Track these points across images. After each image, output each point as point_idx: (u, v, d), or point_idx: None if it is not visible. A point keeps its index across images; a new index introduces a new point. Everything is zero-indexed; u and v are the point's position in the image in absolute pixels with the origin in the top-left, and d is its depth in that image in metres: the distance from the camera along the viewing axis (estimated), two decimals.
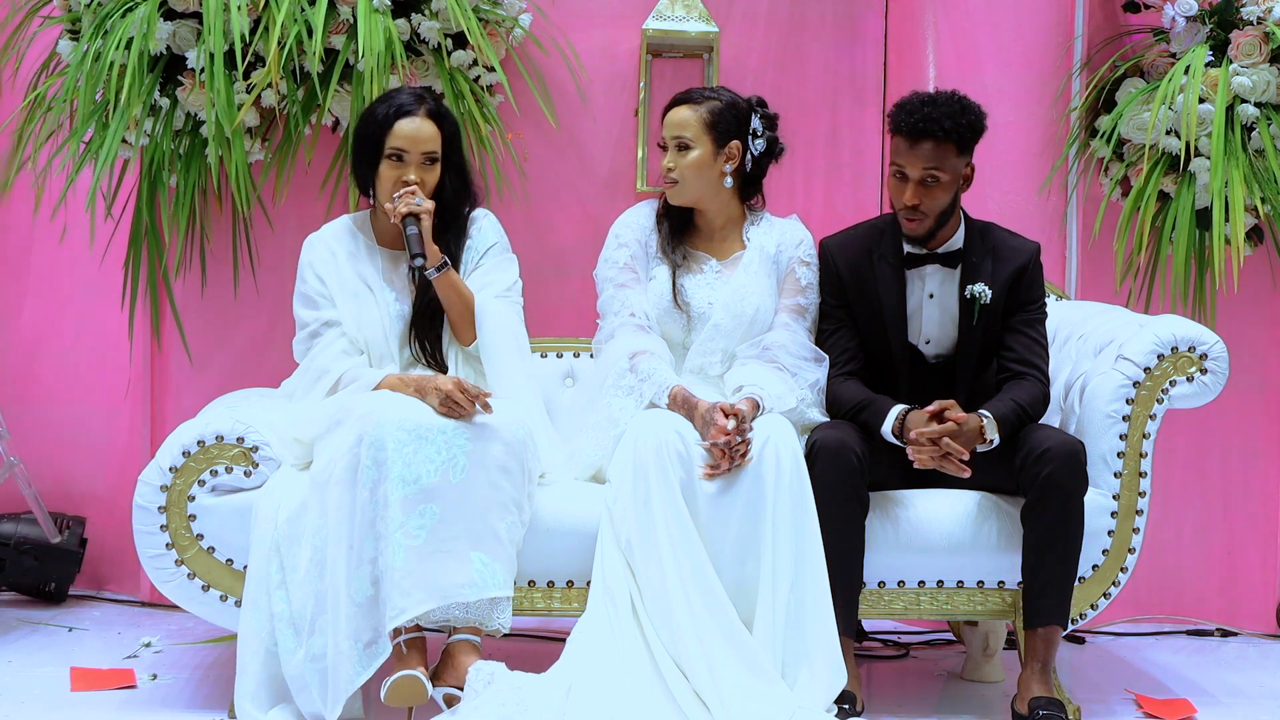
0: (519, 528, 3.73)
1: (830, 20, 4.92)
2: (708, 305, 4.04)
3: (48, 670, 4.12)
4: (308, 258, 4.02)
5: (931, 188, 3.92)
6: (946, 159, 3.91)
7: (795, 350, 4.01)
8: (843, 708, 3.69)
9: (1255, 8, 4.56)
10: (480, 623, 3.65)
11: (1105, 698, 4.11)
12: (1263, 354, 4.86)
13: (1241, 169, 4.50)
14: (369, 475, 3.62)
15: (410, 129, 3.94)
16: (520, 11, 4.60)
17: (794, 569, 3.70)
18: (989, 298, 3.99)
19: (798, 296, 4.09)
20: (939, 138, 3.89)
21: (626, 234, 4.13)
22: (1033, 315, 4.05)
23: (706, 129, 4.03)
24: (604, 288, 4.11)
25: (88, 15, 4.37)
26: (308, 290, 3.99)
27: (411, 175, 3.92)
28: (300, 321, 4.00)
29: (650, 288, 4.07)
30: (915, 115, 3.90)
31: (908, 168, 3.93)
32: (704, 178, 4.05)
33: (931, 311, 4.06)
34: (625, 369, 3.95)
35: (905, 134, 3.92)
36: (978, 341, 4.02)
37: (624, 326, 4.03)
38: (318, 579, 3.63)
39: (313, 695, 3.60)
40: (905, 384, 4.03)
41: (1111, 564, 3.96)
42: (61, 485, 4.94)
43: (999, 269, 4.02)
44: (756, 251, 4.09)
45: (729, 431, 3.71)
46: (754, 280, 4.06)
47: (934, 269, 4.04)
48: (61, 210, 4.58)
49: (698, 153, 4.03)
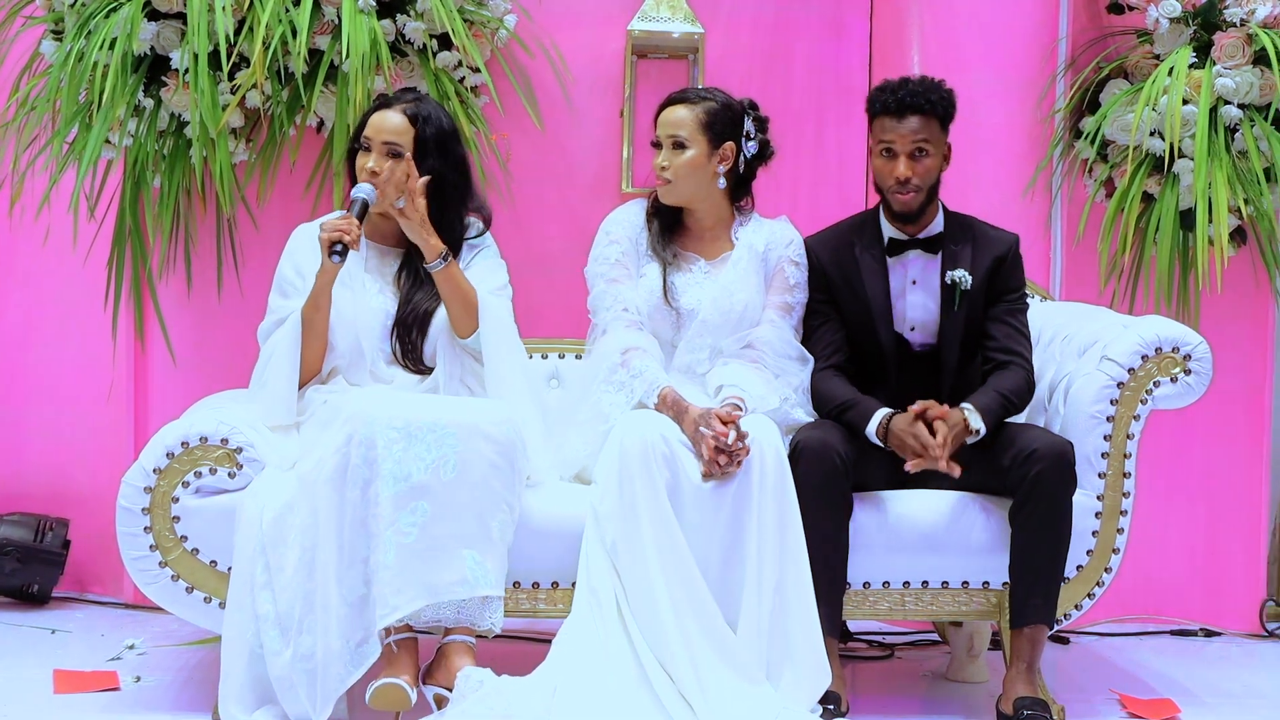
0: (509, 527, 3.73)
1: (815, 21, 4.93)
2: (695, 302, 4.04)
3: (31, 672, 4.11)
4: (292, 246, 4.01)
5: (922, 160, 3.99)
6: (933, 132, 4.00)
7: (780, 348, 4.02)
8: (827, 708, 3.70)
9: (1238, 9, 4.57)
10: (472, 622, 3.65)
11: (1090, 698, 4.11)
12: (1246, 355, 4.88)
13: (1225, 170, 4.51)
14: (360, 474, 3.62)
15: (379, 118, 3.94)
16: (505, 12, 4.60)
17: (778, 570, 3.70)
18: (969, 283, 4.02)
19: (785, 295, 4.09)
20: (925, 111, 3.98)
21: (618, 230, 4.13)
22: (1014, 305, 4.08)
23: (702, 129, 4.03)
24: (595, 283, 4.11)
25: (71, 15, 4.36)
26: (285, 279, 3.97)
27: (371, 163, 3.91)
28: (271, 307, 3.98)
29: (641, 285, 4.07)
30: (900, 91, 3.99)
31: (897, 143, 3.98)
32: (697, 178, 4.05)
33: (915, 297, 4.08)
34: (617, 364, 3.95)
35: (893, 110, 3.99)
36: (960, 327, 4.04)
37: (616, 321, 4.03)
38: (306, 579, 3.62)
39: (299, 696, 3.58)
40: (893, 374, 4.05)
41: (1096, 564, 3.97)
42: (45, 487, 4.92)
43: (979, 256, 4.06)
44: (745, 250, 4.09)
45: (731, 443, 3.71)
46: (742, 277, 4.06)
47: (916, 255, 4.07)
48: (45, 211, 4.56)
49: (692, 152, 4.03)
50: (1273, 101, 4.53)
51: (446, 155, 3.99)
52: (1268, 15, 4.56)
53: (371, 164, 3.91)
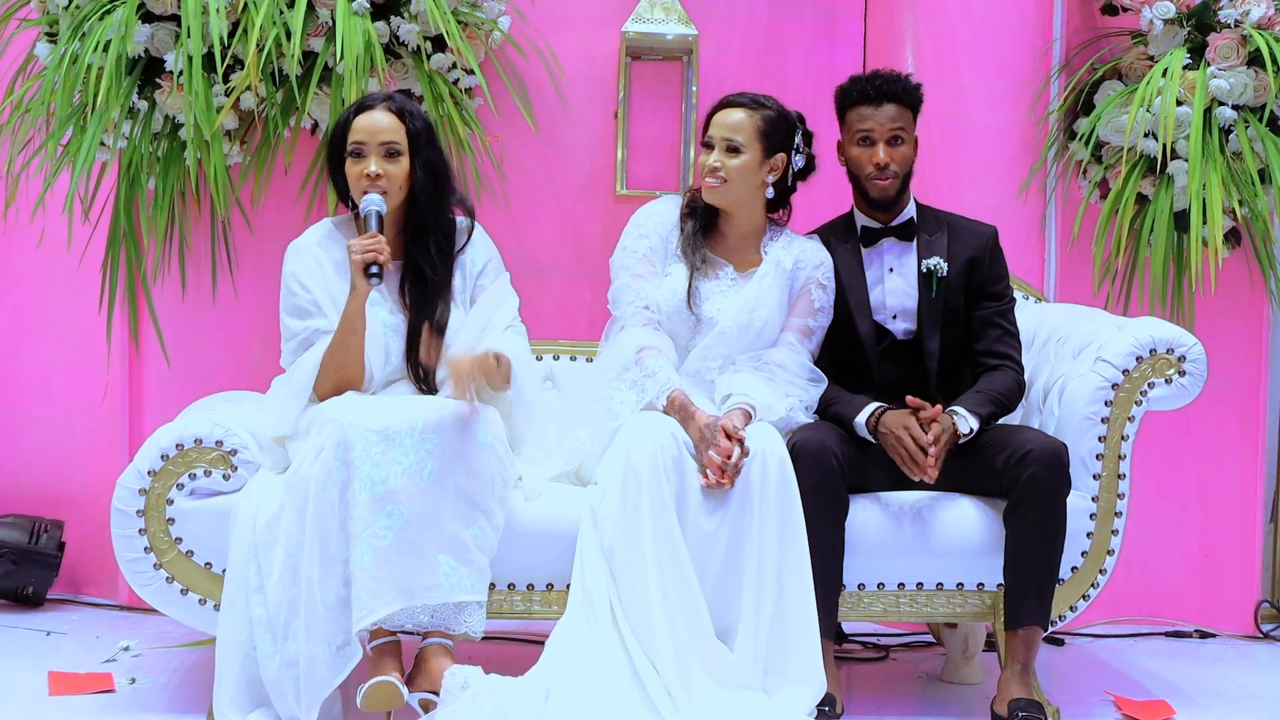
0: (489, 534, 3.71)
1: (809, 23, 4.93)
2: (717, 312, 4.02)
3: (26, 674, 4.10)
4: (292, 268, 3.93)
5: (899, 147, 4.07)
6: (907, 120, 4.09)
7: (795, 370, 4.00)
8: (823, 710, 3.69)
9: (1233, 10, 4.57)
10: (447, 626, 3.65)
11: (1084, 699, 4.11)
12: (1240, 356, 4.88)
13: (1219, 171, 4.51)
14: (338, 476, 3.61)
15: (367, 121, 3.89)
16: (499, 14, 4.60)
17: (778, 579, 3.70)
18: (945, 270, 4.06)
19: (808, 318, 4.07)
20: (900, 100, 4.07)
21: (649, 225, 4.10)
22: (1002, 305, 4.10)
23: (759, 136, 4.01)
24: (619, 275, 4.07)
25: (65, 18, 4.36)
26: (297, 301, 3.91)
27: (373, 167, 3.87)
28: (289, 331, 3.92)
29: (665, 283, 4.04)
30: (876, 81, 4.09)
31: (875, 130, 4.06)
32: (748, 183, 4.03)
33: (894, 284, 4.10)
34: (631, 361, 3.93)
35: (870, 99, 4.07)
36: (939, 315, 4.06)
37: (635, 318, 4.00)
38: (291, 584, 3.61)
39: (289, 701, 3.59)
40: (875, 366, 4.06)
41: (1090, 566, 3.97)
42: (39, 489, 4.92)
43: (955, 246, 4.10)
44: (773, 265, 4.06)
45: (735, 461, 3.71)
46: (766, 293, 4.04)
47: (890, 243, 4.11)
48: (39, 214, 4.56)
49: (746, 157, 4.01)
50: (1267, 103, 4.54)
51: (435, 146, 3.97)
52: (1262, 16, 4.56)
53: (373, 168, 3.86)
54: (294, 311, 3.92)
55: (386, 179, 3.87)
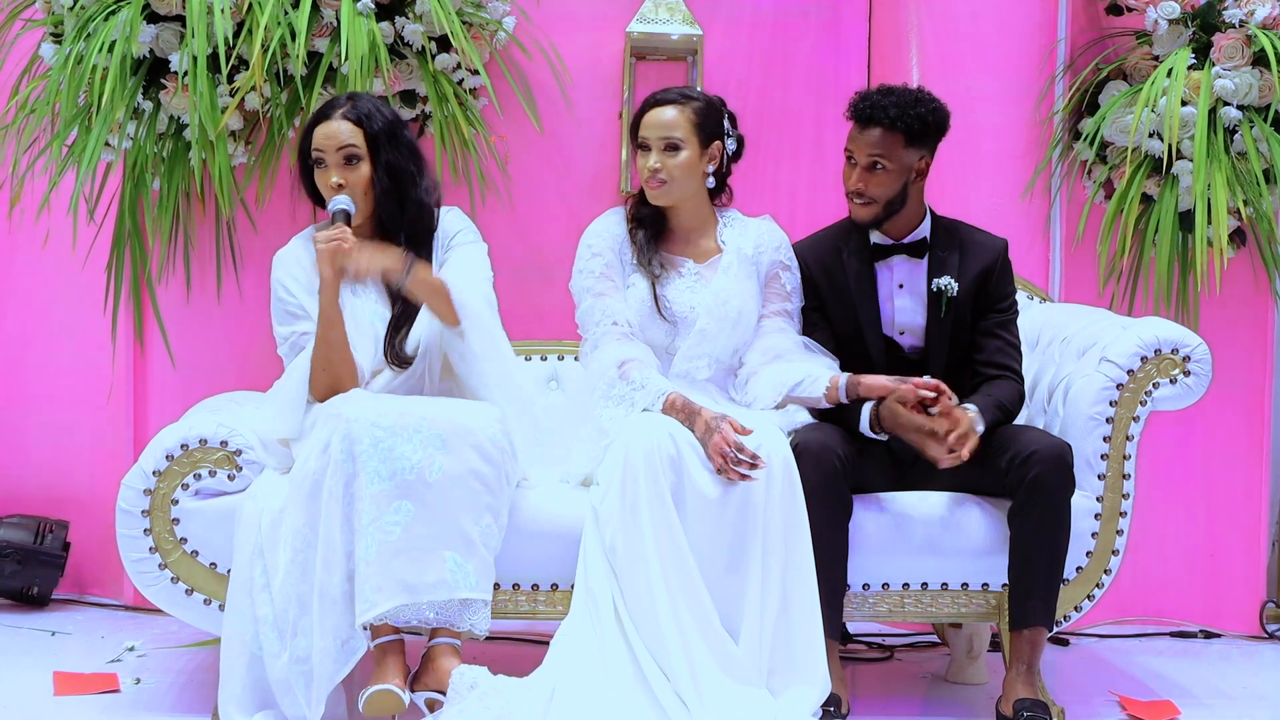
0: (495, 532, 3.72)
1: (814, 23, 4.93)
2: (690, 310, 4.02)
3: (31, 675, 4.11)
4: (278, 275, 3.98)
5: (877, 174, 3.97)
6: (894, 149, 3.96)
7: (801, 350, 4.02)
8: (828, 710, 3.69)
9: (1237, 10, 4.57)
10: (451, 624, 3.64)
11: (1089, 700, 4.11)
12: (1245, 356, 4.87)
13: (1224, 171, 4.51)
14: (344, 470, 3.61)
15: (325, 130, 3.91)
16: (504, 14, 4.60)
17: (783, 579, 3.70)
18: (955, 290, 4.02)
19: (784, 302, 4.09)
20: (886, 125, 3.95)
21: (599, 243, 4.09)
22: (1005, 317, 4.08)
23: (695, 129, 4.01)
24: (582, 298, 4.07)
25: (70, 18, 4.36)
26: (285, 306, 3.95)
27: (334, 178, 3.89)
28: (280, 336, 3.97)
29: (630, 295, 4.04)
30: (867, 102, 3.98)
31: (856, 153, 3.99)
32: (691, 179, 4.03)
33: (903, 301, 4.07)
34: (614, 378, 3.92)
35: (856, 119, 4.00)
36: (947, 333, 4.04)
37: (607, 335, 4.00)
38: (298, 580, 3.62)
39: (298, 699, 3.59)
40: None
41: (1095, 566, 3.97)
42: (45, 489, 4.92)
43: (966, 264, 4.05)
44: (734, 254, 4.07)
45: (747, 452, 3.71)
46: (734, 283, 4.05)
47: (900, 260, 4.07)
48: (44, 214, 4.57)
49: (687, 153, 4.01)
50: (1272, 103, 4.53)
51: (398, 145, 3.95)
52: (1267, 16, 4.56)
53: (335, 179, 3.89)
54: (281, 317, 3.97)
55: (349, 186, 3.90)
